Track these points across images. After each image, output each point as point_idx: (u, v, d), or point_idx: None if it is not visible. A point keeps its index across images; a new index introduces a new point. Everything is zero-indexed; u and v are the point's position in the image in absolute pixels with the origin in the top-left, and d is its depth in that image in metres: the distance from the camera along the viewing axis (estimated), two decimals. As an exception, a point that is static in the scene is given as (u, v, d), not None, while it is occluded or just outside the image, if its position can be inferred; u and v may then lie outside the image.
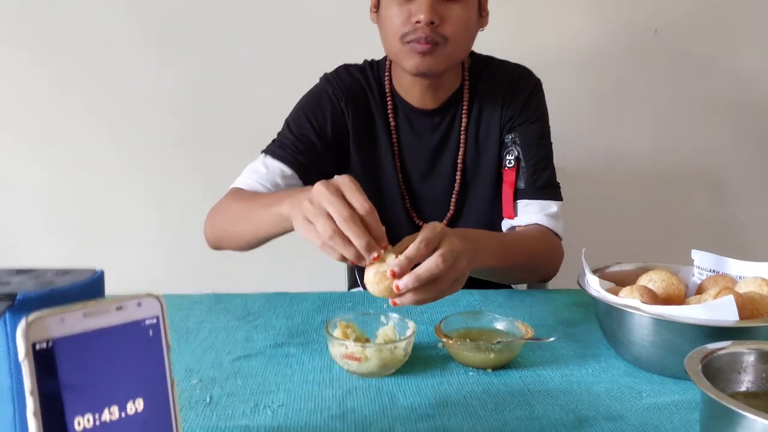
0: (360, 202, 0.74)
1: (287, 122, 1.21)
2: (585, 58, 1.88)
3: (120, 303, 0.44)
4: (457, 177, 1.22)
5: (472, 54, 1.24)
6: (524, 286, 1.35)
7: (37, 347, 0.40)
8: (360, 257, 0.74)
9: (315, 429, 0.68)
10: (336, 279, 1.62)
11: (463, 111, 1.20)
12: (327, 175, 1.23)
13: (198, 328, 0.95)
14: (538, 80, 1.24)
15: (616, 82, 1.91)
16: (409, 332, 0.82)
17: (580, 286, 0.87)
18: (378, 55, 1.26)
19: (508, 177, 1.17)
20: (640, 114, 1.93)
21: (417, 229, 1.22)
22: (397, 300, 0.76)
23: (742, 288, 0.81)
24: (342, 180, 0.76)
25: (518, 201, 1.16)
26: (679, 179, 1.98)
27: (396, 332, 0.84)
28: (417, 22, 1.03)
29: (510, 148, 1.18)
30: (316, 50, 1.70)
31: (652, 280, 0.85)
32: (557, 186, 1.20)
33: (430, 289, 0.76)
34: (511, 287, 1.29)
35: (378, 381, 0.79)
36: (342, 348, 0.79)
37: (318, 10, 1.81)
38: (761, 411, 0.51)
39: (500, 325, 0.88)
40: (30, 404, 0.40)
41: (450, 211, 1.24)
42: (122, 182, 1.90)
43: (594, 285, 0.84)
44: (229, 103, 1.86)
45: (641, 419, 0.70)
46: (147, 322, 0.45)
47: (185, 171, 1.90)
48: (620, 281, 0.90)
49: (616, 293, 0.82)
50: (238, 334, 0.93)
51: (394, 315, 0.87)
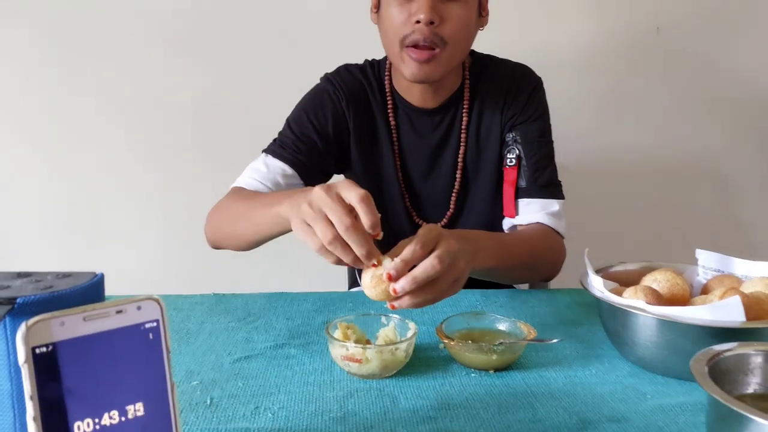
0: (368, 216, 0.73)
1: (288, 121, 1.21)
2: (586, 57, 1.87)
3: (120, 306, 0.43)
4: (458, 176, 1.22)
5: (473, 53, 1.24)
6: (526, 286, 1.35)
7: (37, 351, 0.40)
8: (357, 261, 0.74)
9: None
10: (336, 279, 1.62)
11: (464, 110, 1.20)
12: (328, 175, 1.23)
13: (198, 329, 0.95)
14: (539, 79, 1.23)
15: (618, 81, 1.90)
16: (410, 333, 0.81)
17: (583, 286, 0.87)
18: (380, 56, 1.25)
19: (510, 176, 1.16)
20: (643, 112, 1.93)
21: (417, 228, 1.23)
22: (395, 303, 0.75)
23: (748, 288, 0.81)
24: (342, 185, 0.76)
25: (519, 200, 1.16)
26: (682, 178, 1.98)
27: (397, 333, 0.84)
28: (417, 22, 1.03)
29: (511, 147, 1.17)
30: (319, 52, 1.69)
31: (657, 280, 0.84)
32: (559, 184, 1.19)
33: (428, 291, 0.75)
34: (513, 287, 1.29)
35: (379, 383, 0.78)
36: (342, 349, 0.78)
37: (322, 13, 1.81)
38: (769, 414, 0.50)
39: (502, 326, 0.87)
40: (30, 409, 0.39)
41: (450, 210, 1.23)
42: (123, 184, 1.90)
43: (597, 285, 0.83)
44: (231, 105, 1.86)
45: (646, 421, 0.69)
46: (147, 326, 0.45)
47: (186, 172, 1.90)
48: (624, 281, 0.89)
49: (620, 293, 0.81)
50: (239, 335, 0.93)
51: (395, 316, 0.86)
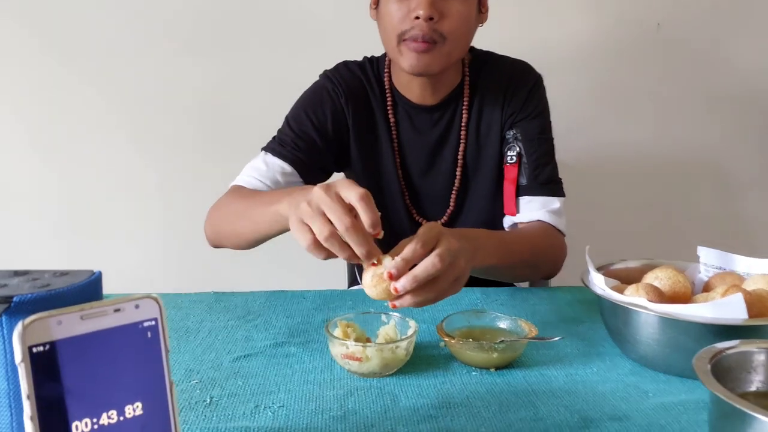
0: (368, 214, 0.72)
1: (287, 119, 1.20)
2: (586, 53, 1.87)
3: (118, 305, 0.43)
4: (458, 173, 1.21)
5: (472, 50, 1.23)
6: (526, 284, 1.34)
7: (34, 350, 0.39)
8: (353, 257, 0.74)
9: (316, 430, 0.67)
10: (336, 277, 1.61)
11: (464, 107, 1.19)
12: (327, 172, 1.23)
13: (198, 328, 0.94)
14: (539, 75, 1.23)
15: (619, 77, 1.90)
16: (411, 331, 0.81)
17: (584, 284, 0.86)
18: (379, 53, 1.25)
19: (510, 173, 1.16)
20: (644, 109, 1.92)
21: (417, 226, 1.22)
22: (396, 302, 0.75)
23: (750, 285, 0.80)
24: (341, 184, 0.75)
25: (520, 197, 1.15)
26: (683, 175, 1.97)
27: (397, 331, 0.83)
28: (416, 18, 1.02)
29: (511, 144, 1.17)
30: (319, 50, 1.68)
31: (658, 278, 0.84)
32: (559, 182, 1.19)
33: (429, 290, 0.75)
34: (513, 285, 1.29)
35: (379, 381, 0.78)
36: (343, 348, 0.78)
37: (322, 10, 1.81)
38: (773, 412, 0.50)
39: (503, 324, 0.87)
40: (27, 408, 0.39)
41: (450, 208, 1.23)
42: (123, 183, 1.89)
43: (599, 283, 0.83)
44: (232, 104, 1.85)
45: (648, 419, 0.69)
46: (145, 324, 0.44)
47: (186, 170, 1.89)
48: (625, 279, 0.89)
49: (621, 291, 0.81)
50: (238, 334, 0.92)
51: (396, 314, 0.86)
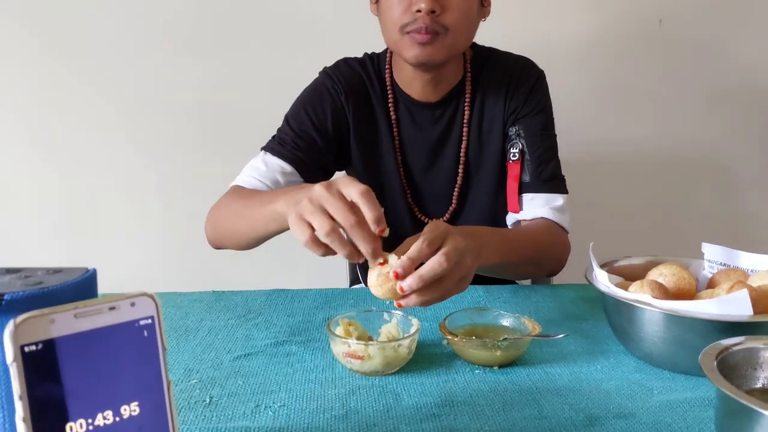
0: (371, 210, 0.72)
1: (287, 118, 1.19)
2: (589, 49, 1.86)
3: (113, 303, 0.42)
4: (460, 170, 1.20)
5: (474, 46, 1.22)
6: (528, 282, 1.33)
7: (26, 350, 0.39)
8: (353, 254, 0.73)
9: (317, 430, 0.66)
10: (337, 275, 1.60)
11: (466, 103, 1.18)
12: (328, 171, 1.22)
13: (197, 327, 0.94)
14: (541, 71, 1.21)
15: (622, 73, 1.89)
16: (413, 329, 0.80)
17: (588, 281, 0.85)
18: (380, 50, 1.24)
19: (513, 170, 1.15)
20: (646, 105, 1.91)
21: (419, 224, 1.22)
22: (402, 302, 0.74)
23: (755, 282, 0.79)
24: (342, 182, 0.74)
25: (523, 194, 1.14)
26: (684, 173, 1.96)
27: (399, 330, 0.83)
28: (418, 11, 1.01)
29: (514, 141, 1.16)
30: (320, 47, 1.67)
31: (663, 275, 0.83)
32: (563, 179, 1.18)
33: (435, 289, 0.74)
34: (516, 283, 1.28)
35: (382, 380, 0.77)
36: (344, 346, 0.77)
37: (322, 8, 1.80)
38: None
39: (506, 322, 0.86)
40: (19, 409, 0.38)
41: (452, 206, 1.22)
42: (123, 182, 1.89)
43: (603, 280, 0.82)
44: (233, 103, 1.85)
45: (653, 417, 0.68)
46: (141, 323, 0.44)
47: (186, 170, 1.89)
48: (629, 276, 0.88)
49: (626, 288, 0.80)
50: (239, 333, 0.91)
51: (398, 312, 0.85)
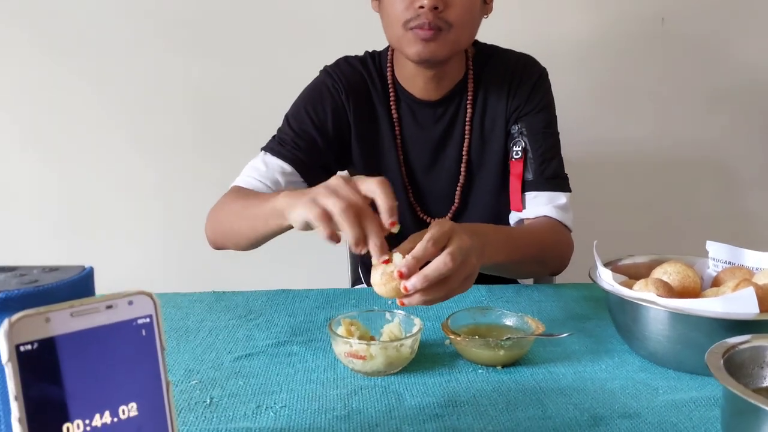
0: (388, 199, 0.72)
1: (287, 117, 1.18)
2: (589, 49, 1.85)
3: (110, 301, 0.42)
4: (462, 169, 1.19)
5: (476, 43, 1.21)
6: (531, 281, 1.32)
7: (22, 349, 0.38)
8: (360, 241, 0.72)
9: (319, 431, 0.65)
10: (339, 275, 1.60)
11: (468, 101, 1.17)
12: (329, 171, 1.21)
13: (198, 327, 0.93)
14: (544, 69, 1.21)
15: (622, 73, 1.88)
16: (416, 329, 0.79)
17: (592, 280, 0.85)
18: (381, 48, 1.23)
19: (516, 169, 1.14)
20: (648, 104, 1.91)
21: (421, 224, 1.22)
22: (405, 300, 0.74)
23: (761, 279, 0.79)
24: (358, 178, 0.75)
25: (526, 193, 1.14)
26: (685, 173, 1.96)
27: (402, 329, 0.82)
28: (420, 7, 1.01)
29: (517, 139, 1.15)
30: (320, 46, 1.67)
31: (667, 273, 0.82)
32: (566, 177, 1.17)
33: (440, 289, 0.74)
34: (518, 282, 1.27)
35: (384, 380, 0.76)
36: (346, 346, 0.76)
37: (324, 8, 1.79)
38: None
39: (509, 321, 0.86)
40: (15, 410, 0.38)
41: (455, 205, 1.21)
42: (123, 182, 1.88)
43: (607, 278, 0.81)
44: (234, 103, 1.84)
45: (659, 417, 0.67)
46: (139, 321, 0.43)
47: (187, 170, 1.88)
48: (633, 274, 0.87)
49: (630, 287, 0.79)
50: (239, 333, 0.91)
51: (400, 312, 0.85)
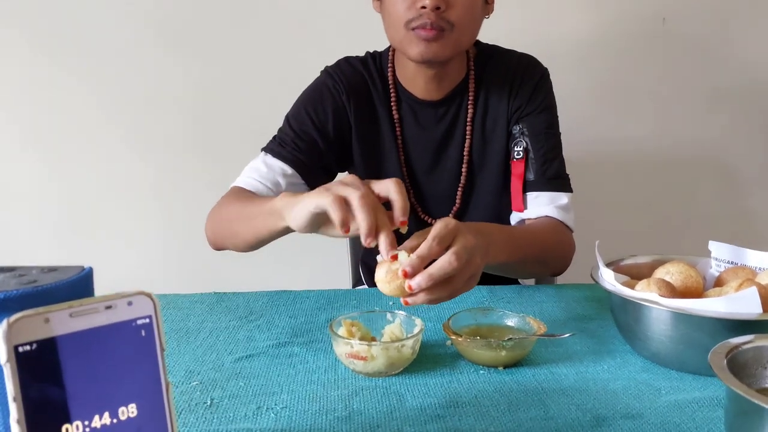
0: (402, 198, 0.75)
1: (287, 118, 1.18)
2: (589, 48, 1.85)
3: (109, 302, 0.41)
4: (463, 170, 1.19)
5: (478, 43, 1.21)
6: (532, 281, 1.32)
7: (20, 350, 0.38)
8: (371, 233, 0.72)
9: (320, 432, 0.65)
10: (340, 276, 1.60)
11: (469, 102, 1.17)
12: (329, 171, 1.21)
13: (198, 328, 0.93)
14: (545, 69, 1.20)
15: (622, 72, 1.88)
16: (417, 330, 0.79)
17: (594, 280, 0.84)
18: (382, 49, 1.23)
19: (517, 169, 1.14)
20: (648, 104, 1.90)
21: (422, 225, 1.21)
22: (410, 299, 0.73)
23: (764, 279, 0.78)
24: (371, 180, 0.77)
25: (527, 193, 1.13)
26: (686, 172, 1.95)
27: (403, 330, 0.82)
28: (422, 8, 1.00)
29: (518, 140, 1.15)
30: (321, 46, 1.67)
31: (670, 273, 0.82)
32: (567, 177, 1.16)
33: (444, 288, 0.73)
34: (519, 283, 1.27)
35: (385, 381, 0.76)
36: (347, 347, 0.76)
37: (325, 7, 1.79)
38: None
39: (511, 322, 0.85)
40: (14, 411, 0.37)
41: (456, 205, 1.21)
42: (123, 183, 1.88)
43: (609, 278, 0.81)
44: (234, 103, 1.84)
45: (661, 417, 0.67)
46: (139, 322, 0.43)
47: (187, 170, 1.88)
48: (635, 274, 0.87)
49: (632, 287, 0.79)
50: (240, 334, 0.90)
51: (401, 312, 0.84)
